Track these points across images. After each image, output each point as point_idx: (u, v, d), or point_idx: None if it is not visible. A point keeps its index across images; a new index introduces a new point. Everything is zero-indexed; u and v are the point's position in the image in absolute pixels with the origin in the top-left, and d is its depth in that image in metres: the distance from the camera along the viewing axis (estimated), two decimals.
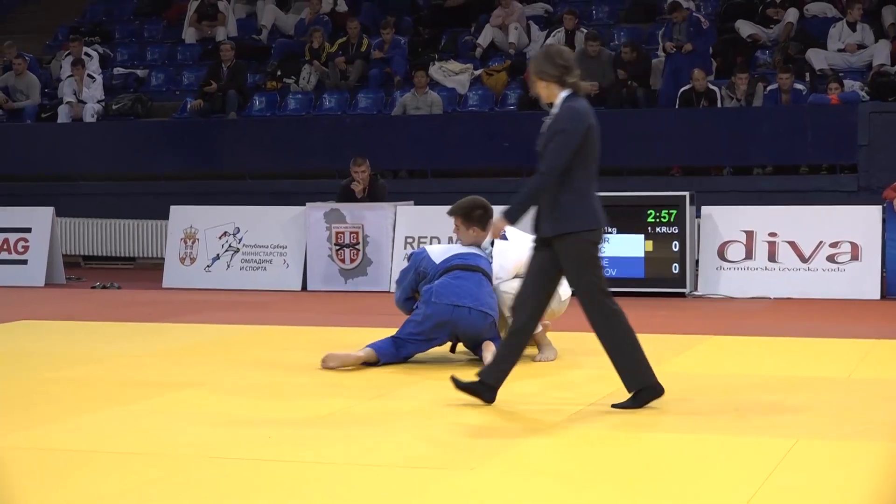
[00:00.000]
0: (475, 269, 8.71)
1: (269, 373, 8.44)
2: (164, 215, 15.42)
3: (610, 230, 13.16)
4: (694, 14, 17.27)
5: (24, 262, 15.28)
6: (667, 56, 17.25)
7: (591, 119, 7.12)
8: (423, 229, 13.99)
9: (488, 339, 8.54)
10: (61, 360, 9.06)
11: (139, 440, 6.38)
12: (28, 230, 15.34)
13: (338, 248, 14.08)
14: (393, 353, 8.57)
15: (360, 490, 5.37)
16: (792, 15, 18.01)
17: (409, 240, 14.06)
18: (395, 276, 13.89)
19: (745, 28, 18.06)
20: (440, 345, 8.71)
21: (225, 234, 14.57)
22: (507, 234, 7.94)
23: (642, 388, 7.01)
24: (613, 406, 7.01)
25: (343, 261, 14.09)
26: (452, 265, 8.71)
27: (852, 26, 17.28)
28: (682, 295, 12.99)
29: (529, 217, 7.08)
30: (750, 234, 13.19)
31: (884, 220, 12.90)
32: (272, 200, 15.83)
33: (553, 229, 6.97)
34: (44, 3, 23.88)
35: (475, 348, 8.63)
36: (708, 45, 17.31)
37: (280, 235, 14.46)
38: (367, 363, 8.50)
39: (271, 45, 20.02)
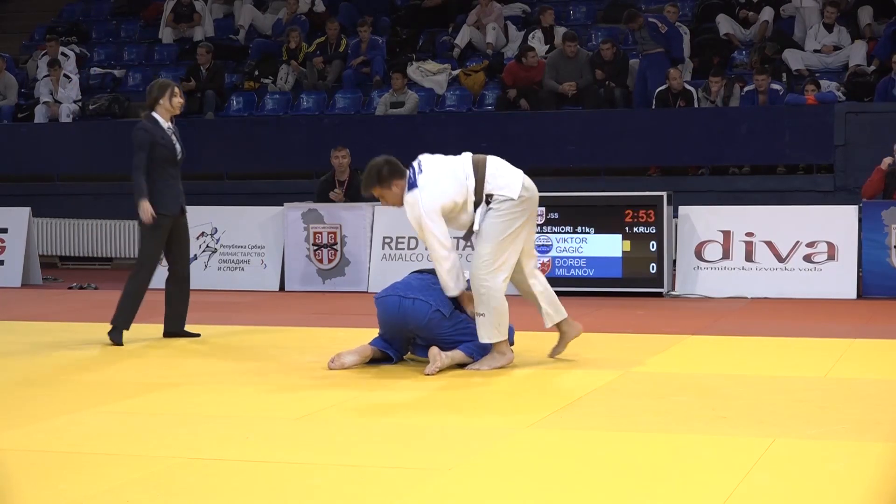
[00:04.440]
0: (429, 272, 8.61)
1: (247, 373, 8.42)
2: None
3: (588, 230, 13.21)
4: (649, 19, 17.24)
5: (1, 262, 15.23)
6: (641, 58, 17.31)
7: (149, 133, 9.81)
8: (401, 230, 13.98)
9: (448, 342, 8.35)
10: (38, 362, 9.03)
11: (118, 441, 6.37)
12: (4, 231, 15.29)
13: (315, 248, 14.07)
14: (392, 350, 8.56)
15: (338, 491, 5.37)
16: (767, 13, 18.08)
17: (387, 240, 14.06)
18: (373, 276, 13.95)
19: (724, 24, 18.11)
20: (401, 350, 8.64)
21: (203, 234, 14.54)
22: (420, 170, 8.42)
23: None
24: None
25: (321, 261, 14.09)
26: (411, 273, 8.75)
27: (829, 27, 17.36)
28: (659, 295, 13.02)
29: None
30: (727, 234, 13.23)
31: (860, 220, 12.97)
32: (250, 201, 15.81)
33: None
34: (20, 2, 23.80)
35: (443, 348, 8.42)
36: (679, 47, 17.31)
37: (258, 236, 14.45)
38: (376, 360, 8.53)
39: (249, 45, 20.00)
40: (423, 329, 8.35)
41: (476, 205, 8.30)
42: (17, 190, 18.08)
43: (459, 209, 8.28)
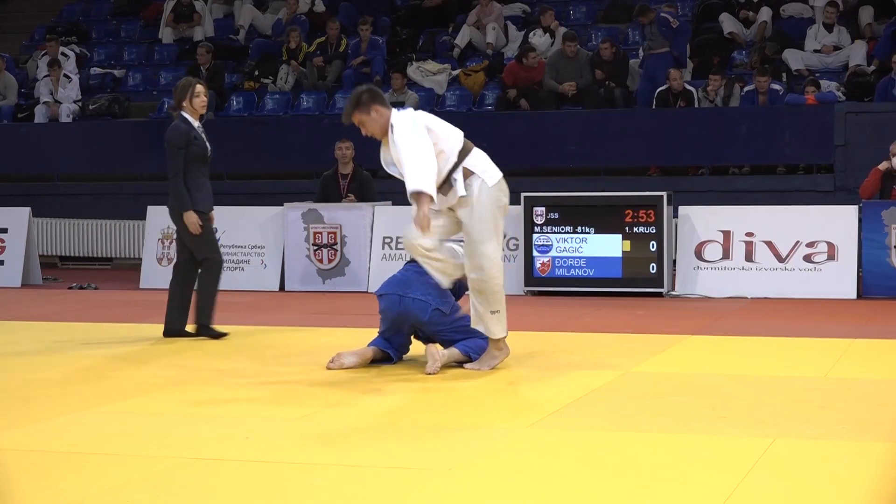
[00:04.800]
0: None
1: (247, 373, 8.42)
2: (142, 216, 15.38)
3: (588, 230, 13.20)
4: (661, 14, 17.27)
5: (1, 262, 15.23)
6: (644, 58, 17.33)
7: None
8: (401, 229, 13.93)
9: (445, 339, 8.39)
10: (38, 362, 9.03)
11: (118, 441, 6.37)
12: (4, 231, 15.29)
13: (315, 248, 14.07)
14: (392, 350, 8.56)
15: (338, 491, 5.37)
16: (765, 14, 18.10)
17: (387, 240, 14.05)
18: (373, 276, 13.94)
19: (728, 23, 18.12)
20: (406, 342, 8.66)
21: None
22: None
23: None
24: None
25: (321, 261, 14.08)
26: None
27: (829, 27, 17.37)
28: (659, 295, 13.01)
29: None
30: (727, 234, 13.23)
31: (860, 220, 12.97)
32: (250, 200, 15.80)
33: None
34: (20, 2, 23.81)
35: (441, 343, 8.47)
36: (684, 43, 17.34)
37: (258, 236, 14.44)
38: (376, 360, 8.52)
39: (249, 45, 20.00)
40: (423, 325, 8.38)
41: (451, 172, 8.13)
42: (17, 190, 18.08)
43: (437, 155, 8.06)
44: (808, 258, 12.99)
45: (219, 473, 5.67)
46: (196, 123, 9.96)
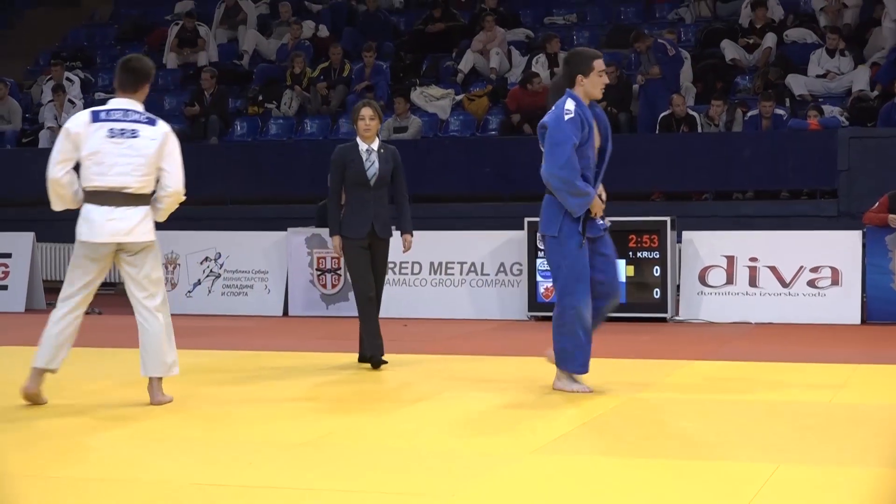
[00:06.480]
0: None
1: (250, 399, 8.41)
2: None
3: None
4: (659, 41, 17.33)
5: (5, 287, 15.24)
6: (642, 84, 17.37)
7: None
8: (404, 255, 13.94)
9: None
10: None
11: (120, 466, 6.35)
12: (8, 255, 15.31)
13: (319, 273, 14.07)
14: None
15: None
16: (770, 40, 18.13)
17: (390, 265, 14.03)
18: None
19: (729, 50, 18.15)
20: None
21: (206, 259, 14.55)
22: None
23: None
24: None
25: (324, 286, 14.08)
26: None
27: (831, 53, 17.39)
28: (663, 320, 13.00)
29: None
30: (731, 259, 13.22)
31: (864, 245, 12.94)
32: (254, 226, 15.81)
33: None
34: (25, 27, 23.89)
35: None
36: (677, 71, 17.37)
37: (261, 261, 14.44)
38: None
39: (253, 70, 20.06)
40: None
41: None
42: (21, 215, 18.09)
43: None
44: (811, 283, 12.98)
45: (221, 499, 5.65)
46: (365, 146, 9.97)
